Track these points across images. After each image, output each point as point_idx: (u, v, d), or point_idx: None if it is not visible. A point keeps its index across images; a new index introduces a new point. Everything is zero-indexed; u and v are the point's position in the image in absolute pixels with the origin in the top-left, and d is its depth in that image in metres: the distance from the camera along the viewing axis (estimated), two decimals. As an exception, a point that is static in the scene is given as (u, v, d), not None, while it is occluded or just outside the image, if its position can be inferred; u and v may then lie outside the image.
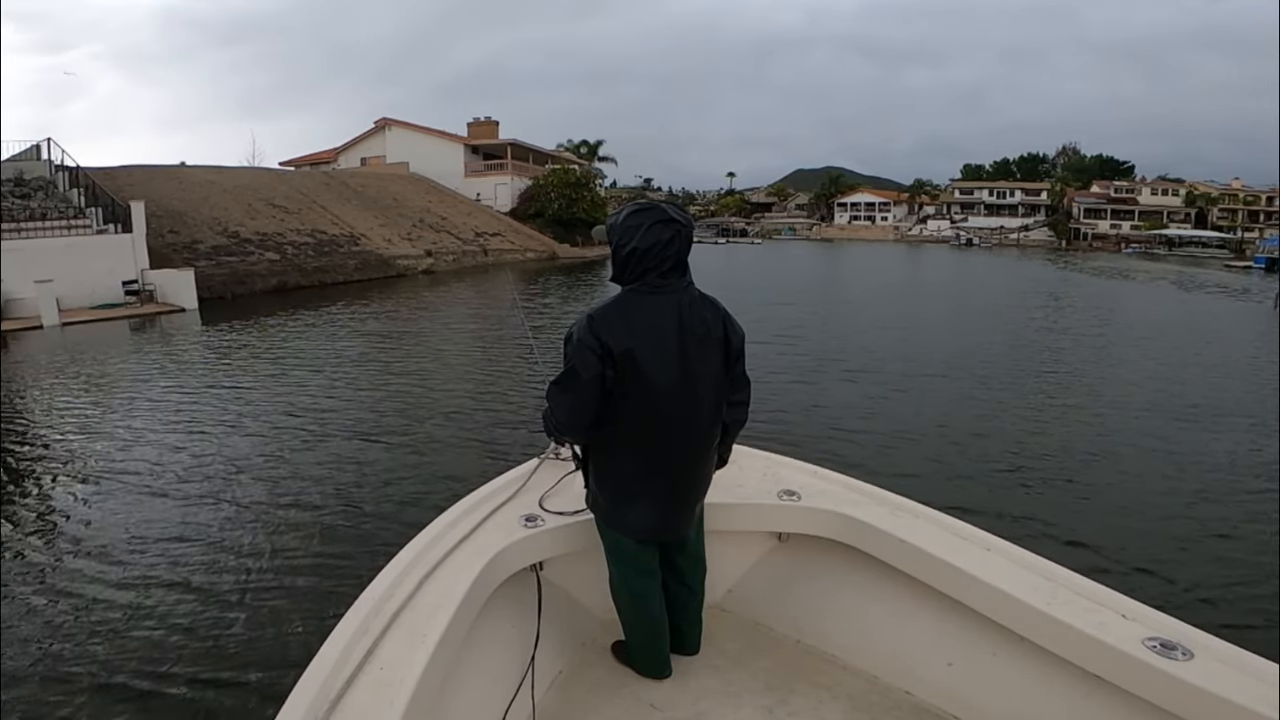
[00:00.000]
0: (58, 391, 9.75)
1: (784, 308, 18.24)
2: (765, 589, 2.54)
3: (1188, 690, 1.52)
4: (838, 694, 2.13)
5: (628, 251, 1.94)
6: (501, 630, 2.14)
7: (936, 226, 75.40)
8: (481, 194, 42.90)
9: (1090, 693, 1.73)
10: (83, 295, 17.90)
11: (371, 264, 26.76)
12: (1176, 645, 1.60)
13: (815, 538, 2.40)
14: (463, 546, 2.07)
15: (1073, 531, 5.16)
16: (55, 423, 8.14)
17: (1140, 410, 8.68)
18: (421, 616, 1.75)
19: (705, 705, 2.09)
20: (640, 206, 2.01)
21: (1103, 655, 1.67)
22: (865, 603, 2.31)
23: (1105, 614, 1.74)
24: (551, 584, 2.35)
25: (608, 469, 2.06)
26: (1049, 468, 6.56)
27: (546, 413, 2.06)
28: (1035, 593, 1.84)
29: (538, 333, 10.31)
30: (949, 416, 8.17)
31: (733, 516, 2.43)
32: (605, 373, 1.89)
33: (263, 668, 3.64)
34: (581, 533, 2.25)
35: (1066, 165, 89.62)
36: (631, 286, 1.96)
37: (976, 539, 2.12)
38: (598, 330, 1.89)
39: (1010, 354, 12.42)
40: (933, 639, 2.12)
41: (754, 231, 78.35)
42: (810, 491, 2.45)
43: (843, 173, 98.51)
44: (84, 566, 4.65)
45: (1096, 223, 68.14)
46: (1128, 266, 42.01)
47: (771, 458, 2.75)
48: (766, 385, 9.24)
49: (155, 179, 26.29)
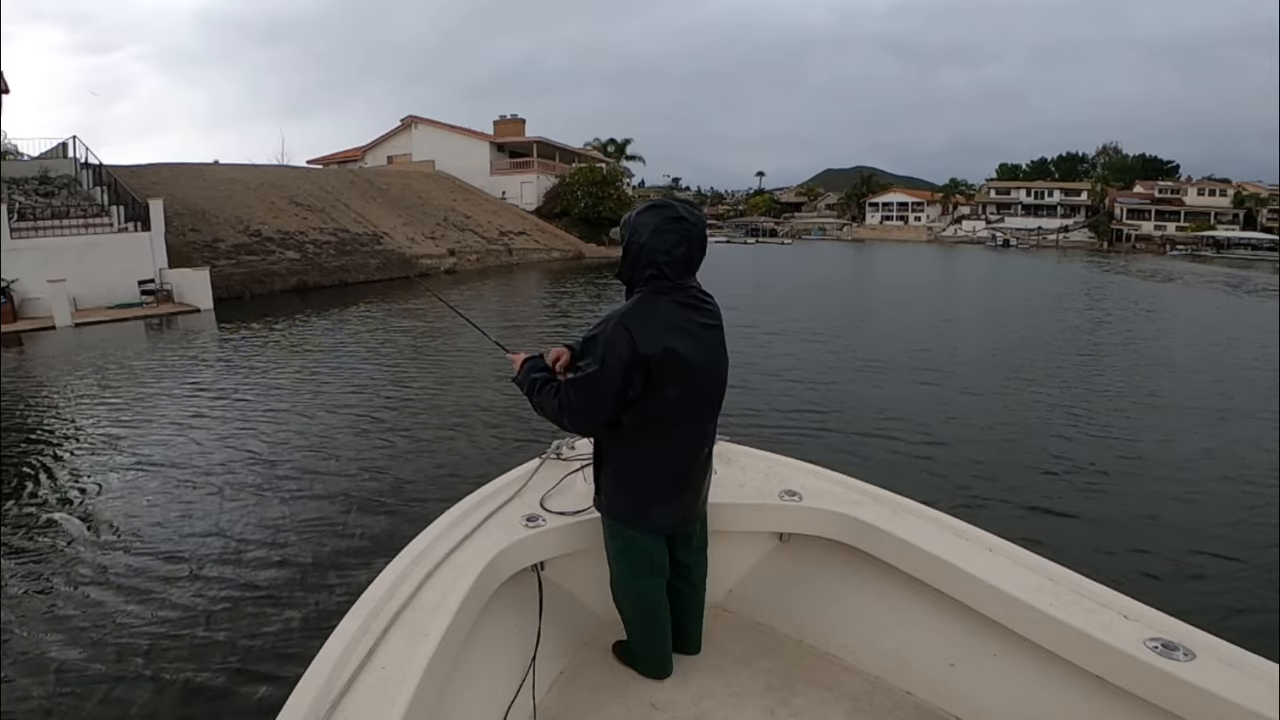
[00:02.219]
0: (43, 405, 9.27)
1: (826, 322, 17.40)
2: (767, 589, 2.54)
3: (1189, 691, 1.51)
4: (839, 694, 2.12)
5: (638, 248, 1.96)
6: (503, 630, 2.14)
7: (971, 227, 73.52)
8: (507, 192, 42.50)
9: (1092, 693, 1.72)
10: (100, 294, 17.64)
11: (393, 263, 26.31)
12: (1178, 646, 1.60)
13: (817, 538, 2.40)
14: (464, 546, 2.06)
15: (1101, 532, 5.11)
16: (42, 436, 7.65)
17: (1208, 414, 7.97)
18: (423, 616, 1.74)
19: (707, 705, 2.08)
20: (652, 204, 2.02)
21: (1104, 656, 1.66)
22: (867, 603, 2.31)
23: (1107, 614, 1.74)
24: (553, 584, 2.34)
25: (632, 468, 2.05)
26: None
27: (555, 406, 2.00)
28: (1037, 593, 1.84)
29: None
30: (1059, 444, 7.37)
31: (734, 517, 2.44)
32: (632, 377, 1.89)
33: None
34: (583, 533, 2.25)
35: (1107, 165, 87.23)
36: (650, 287, 1.96)
37: (978, 539, 2.12)
38: (632, 333, 1.88)
39: (1078, 365, 11.48)
40: (935, 639, 2.11)
41: (783, 232, 77.49)
42: (812, 492, 2.45)
43: (874, 172, 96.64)
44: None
45: (1140, 224, 66.00)
46: (1176, 269, 40.34)
47: (773, 458, 2.75)
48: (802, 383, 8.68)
49: (181, 177, 26.09)
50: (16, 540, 5.03)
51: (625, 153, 58.45)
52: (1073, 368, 11.33)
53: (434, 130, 45.76)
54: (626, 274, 2.01)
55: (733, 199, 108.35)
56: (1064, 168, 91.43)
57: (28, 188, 21.26)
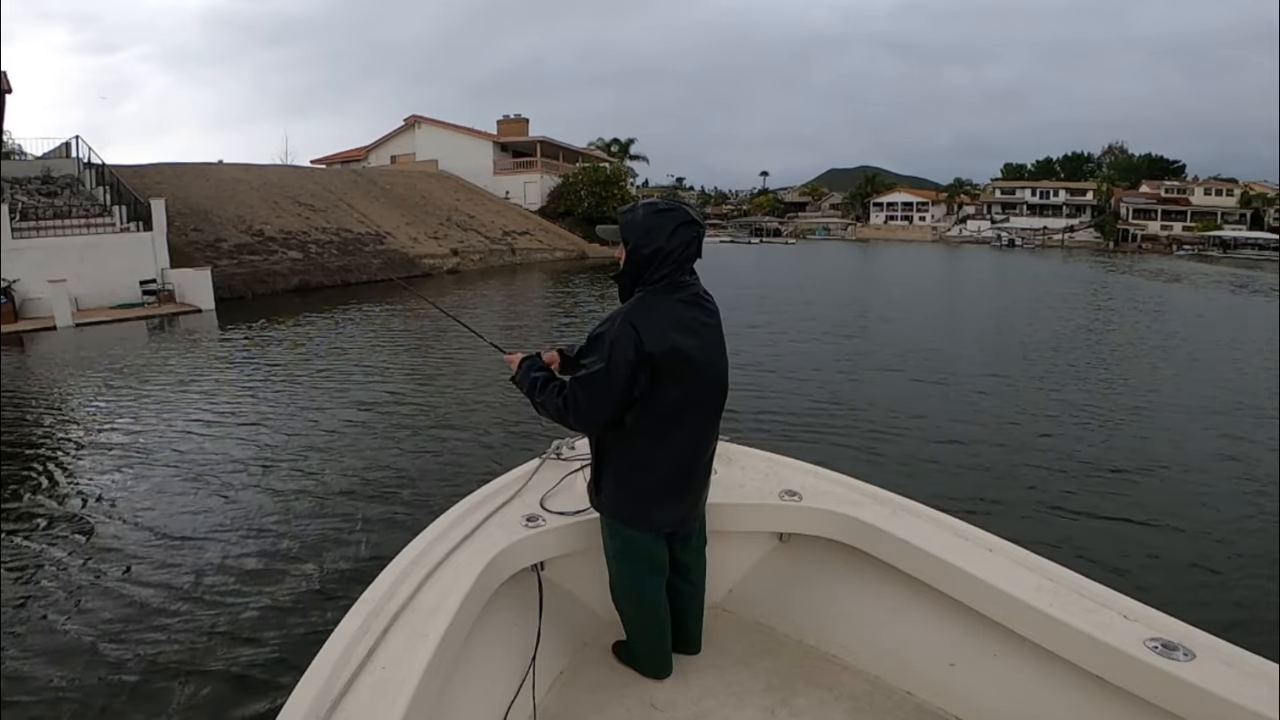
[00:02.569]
0: (31, 406, 9.18)
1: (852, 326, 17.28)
2: (767, 589, 2.53)
3: (1189, 691, 1.51)
4: (839, 694, 2.11)
5: (651, 252, 1.93)
6: (503, 630, 2.13)
7: (976, 227, 73.17)
8: (510, 192, 42.44)
9: (1092, 693, 1.71)
10: (103, 295, 17.59)
11: (396, 263, 26.25)
12: (1178, 646, 1.59)
13: (817, 538, 2.39)
14: (464, 546, 2.05)
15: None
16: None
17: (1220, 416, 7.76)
18: (423, 616, 1.73)
19: (707, 705, 2.07)
20: (660, 207, 1.98)
21: (1104, 656, 1.65)
22: (867, 603, 2.30)
23: (1107, 614, 1.73)
24: (553, 584, 2.33)
25: (633, 467, 2.02)
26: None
27: (559, 404, 1.98)
28: (1037, 593, 1.83)
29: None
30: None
31: (734, 517, 2.42)
32: (637, 375, 1.88)
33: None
34: (583, 533, 2.24)
35: (1113, 164, 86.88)
36: (654, 287, 1.95)
37: (978, 539, 2.11)
38: (638, 330, 1.87)
39: (1097, 373, 11.35)
40: (934, 639, 2.10)
41: (788, 231, 77.29)
42: (811, 492, 2.44)
43: (878, 172, 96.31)
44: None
45: (1146, 223, 65.57)
46: (1183, 269, 40.05)
47: (773, 458, 2.73)
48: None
49: (184, 176, 26.05)
50: (15, 540, 4.98)
51: (629, 152, 58.27)
52: (1083, 368, 11.19)
53: (437, 130, 45.72)
54: (634, 276, 1.98)
55: (736, 199, 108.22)
56: (1069, 167, 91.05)
57: (30, 187, 21.26)
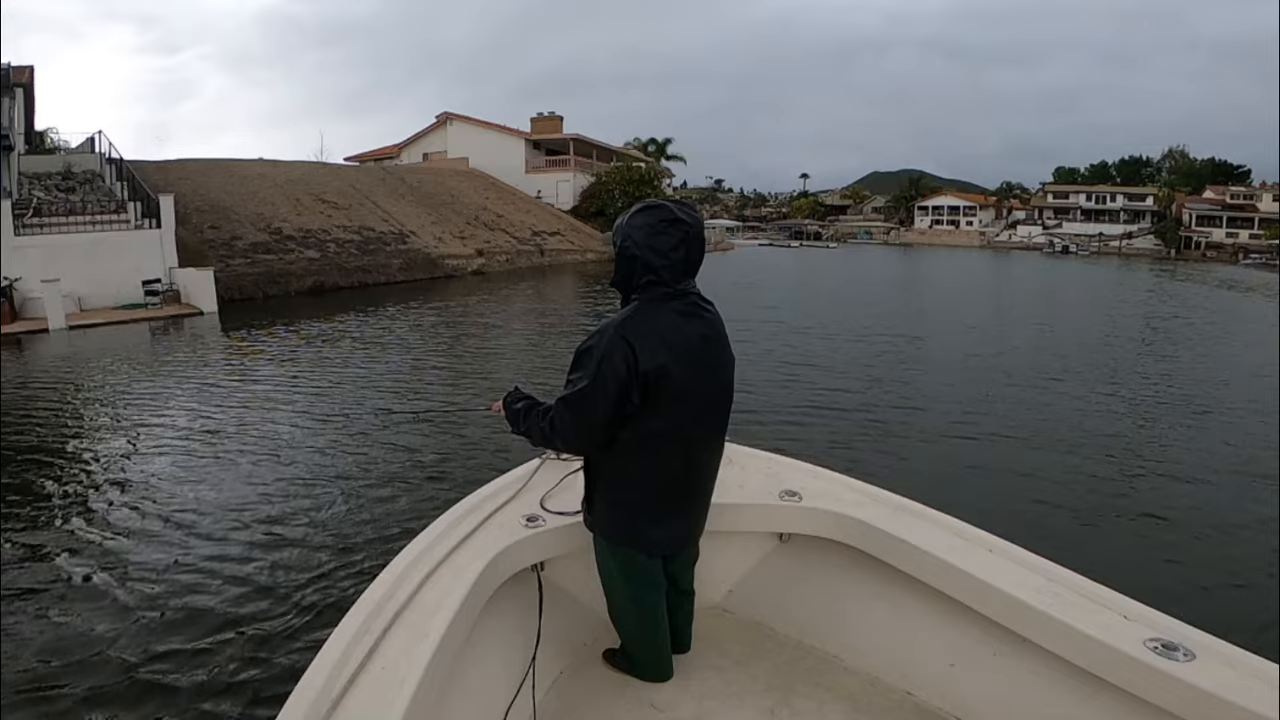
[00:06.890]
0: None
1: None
2: (766, 589, 2.49)
3: (1189, 691, 1.49)
4: (839, 695, 2.08)
5: (631, 254, 1.85)
6: (503, 630, 2.10)
7: (1027, 232, 70.31)
8: (542, 191, 41.51)
9: (1092, 694, 1.70)
10: (107, 294, 16.92)
11: (417, 264, 25.33)
12: (1178, 646, 1.58)
13: (817, 538, 2.36)
14: (464, 546, 2.03)
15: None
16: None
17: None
18: (423, 616, 1.71)
19: (707, 706, 2.05)
20: (645, 205, 1.92)
21: (1104, 656, 1.63)
22: (867, 603, 2.27)
23: (1107, 615, 1.71)
24: (553, 584, 2.30)
25: (627, 486, 1.93)
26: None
27: (545, 428, 1.88)
28: (1037, 594, 1.81)
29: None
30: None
31: (734, 517, 2.38)
32: (629, 393, 1.77)
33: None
34: (583, 533, 2.16)
35: (1173, 169, 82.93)
36: (647, 294, 1.85)
37: (978, 540, 2.08)
38: (630, 344, 1.76)
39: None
40: (934, 640, 2.07)
41: (828, 235, 75.37)
42: (811, 492, 2.41)
43: (923, 175, 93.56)
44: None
45: (1210, 230, 62.22)
46: (1252, 279, 37.48)
47: (773, 458, 2.71)
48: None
49: (208, 172, 25.50)
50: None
51: (665, 152, 57.05)
52: (1167, 396, 9.60)
53: (469, 127, 44.92)
54: (621, 281, 1.89)
55: (776, 200, 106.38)
56: (1126, 171, 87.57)
57: (50, 183, 20.83)
